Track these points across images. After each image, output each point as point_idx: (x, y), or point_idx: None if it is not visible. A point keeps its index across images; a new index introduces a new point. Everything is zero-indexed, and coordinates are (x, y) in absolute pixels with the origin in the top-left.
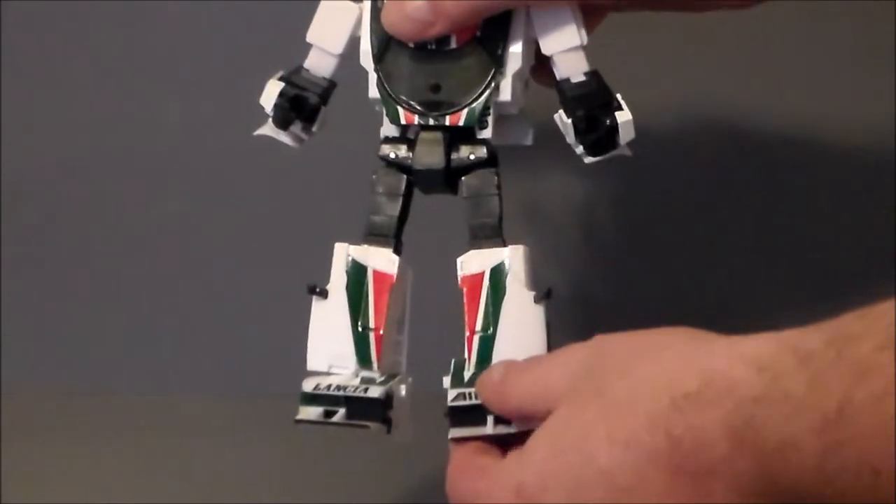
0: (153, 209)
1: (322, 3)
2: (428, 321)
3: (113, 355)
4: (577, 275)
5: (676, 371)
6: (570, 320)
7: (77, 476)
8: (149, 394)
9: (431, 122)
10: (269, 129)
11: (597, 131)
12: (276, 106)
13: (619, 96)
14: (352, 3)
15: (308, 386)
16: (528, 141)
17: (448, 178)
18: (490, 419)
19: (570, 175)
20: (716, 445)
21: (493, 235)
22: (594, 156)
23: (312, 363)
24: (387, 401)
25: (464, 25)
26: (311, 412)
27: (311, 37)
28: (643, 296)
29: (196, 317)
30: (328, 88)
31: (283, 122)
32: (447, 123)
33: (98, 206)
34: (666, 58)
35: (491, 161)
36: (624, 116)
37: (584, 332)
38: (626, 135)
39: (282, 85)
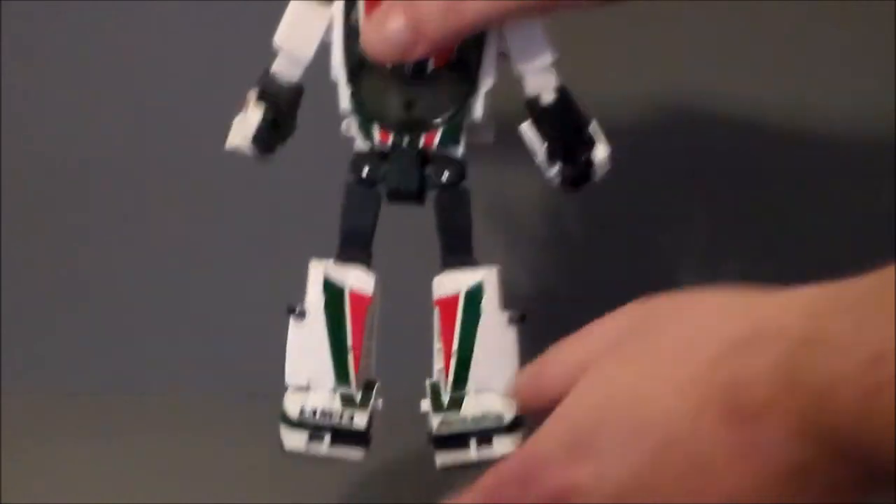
0: (153, 209)
1: (291, 5)
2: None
3: (113, 355)
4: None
5: (726, 318)
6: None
7: (77, 476)
8: (149, 394)
9: (405, 140)
10: (239, 140)
11: (573, 163)
12: (257, 135)
13: (594, 123)
14: (322, 7)
15: (292, 410)
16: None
17: (420, 195)
18: (472, 442)
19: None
20: (766, 386)
21: (464, 252)
22: (569, 191)
23: (291, 378)
24: (370, 426)
25: (444, 47)
26: (297, 438)
27: (279, 40)
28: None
29: (196, 317)
30: (298, 95)
31: (267, 148)
32: (421, 143)
33: (98, 207)
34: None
35: (461, 176)
36: (601, 153)
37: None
38: (601, 170)
39: (262, 109)
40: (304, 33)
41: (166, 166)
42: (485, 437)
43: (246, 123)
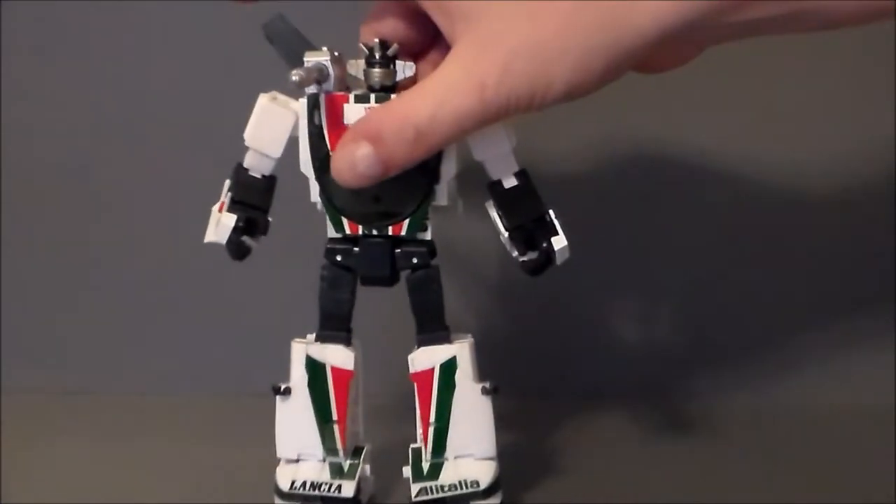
0: (153, 209)
1: (258, 104)
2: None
3: (113, 355)
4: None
5: None
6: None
7: (77, 476)
8: (149, 394)
9: (374, 231)
10: (215, 238)
11: (534, 249)
12: (230, 245)
13: (551, 213)
14: (287, 110)
15: (283, 483)
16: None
17: (391, 279)
18: None
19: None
20: None
21: (437, 327)
22: (532, 276)
23: (282, 451)
24: (357, 494)
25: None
26: None
27: (248, 139)
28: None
29: (195, 317)
30: (271, 186)
31: (241, 256)
32: (390, 233)
33: (98, 207)
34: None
35: (430, 256)
36: (559, 242)
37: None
38: (561, 258)
39: (233, 218)
40: (270, 134)
41: (167, 166)
42: (462, 503)
43: (220, 226)
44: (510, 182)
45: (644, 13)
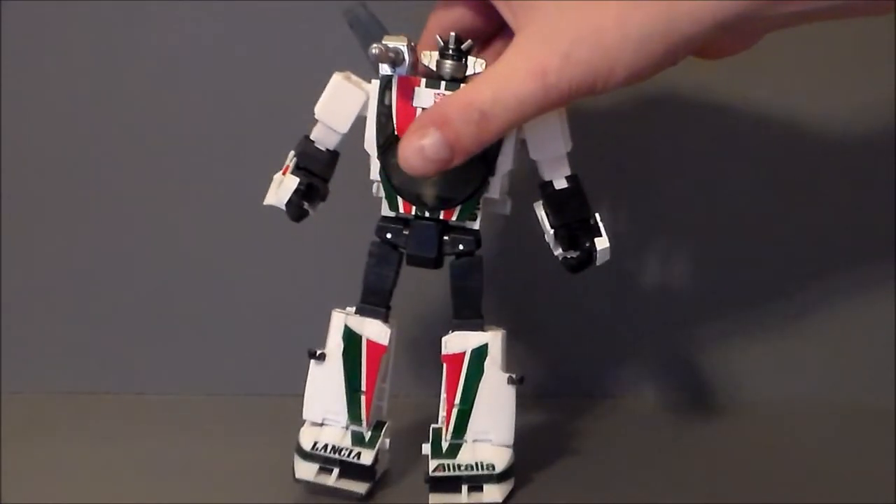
0: (153, 209)
1: (332, 81)
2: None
3: (113, 355)
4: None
5: None
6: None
7: (77, 476)
8: (149, 394)
9: (427, 214)
10: (275, 201)
11: (576, 249)
12: (290, 204)
13: (597, 216)
14: (360, 89)
15: (306, 443)
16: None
17: (437, 261)
18: (464, 488)
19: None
20: None
21: (473, 314)
22: (572, 272)
23: (308, 414)
24: (375, 463)
25: (478, 152)
26: (308, 469)
27: (318, 113)
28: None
29: (197, 316)
30: (333, 160)
31: (298, 217)
32: (441, 217)
33: (98, 207)
34: None
35: (476, 245)
36: (602, 244)
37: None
38: (602, 258)
39: (297, 181)
40: (341, 109)
41: (167, 166)
42: (476, 484)
43: (283, 187)
44: (561, 184)
45: (701, 2)
